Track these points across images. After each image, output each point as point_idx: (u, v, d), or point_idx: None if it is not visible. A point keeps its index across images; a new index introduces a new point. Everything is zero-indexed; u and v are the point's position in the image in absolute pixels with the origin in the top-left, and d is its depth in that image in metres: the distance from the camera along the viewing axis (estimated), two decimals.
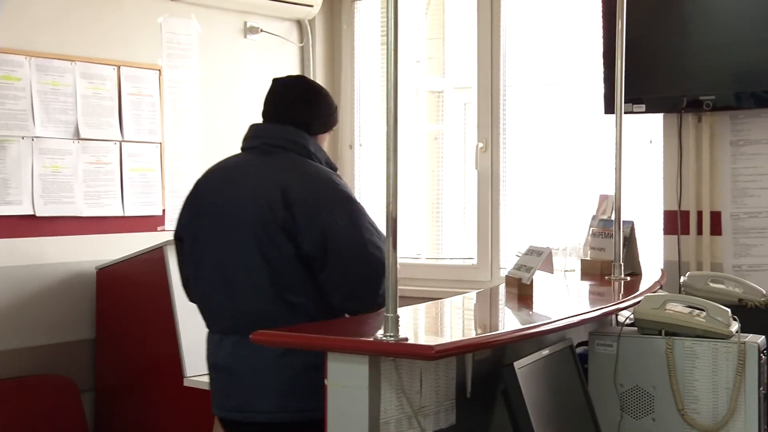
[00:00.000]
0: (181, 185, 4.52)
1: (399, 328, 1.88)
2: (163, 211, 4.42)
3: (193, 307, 3.83)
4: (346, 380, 1.88)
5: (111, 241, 4.19)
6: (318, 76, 5.22)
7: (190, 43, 4.58)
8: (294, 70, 5.14)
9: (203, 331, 3.45)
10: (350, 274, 2.59)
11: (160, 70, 4.42)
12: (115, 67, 4.24)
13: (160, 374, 3.85)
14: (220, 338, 2.74)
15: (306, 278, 2.62)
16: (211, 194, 2.79)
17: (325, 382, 1.91)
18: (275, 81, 2.93)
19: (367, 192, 5.31)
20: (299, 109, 2.80)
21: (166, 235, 4.30)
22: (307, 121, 2.80)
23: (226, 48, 4.78)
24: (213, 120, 4.71)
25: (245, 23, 4.86)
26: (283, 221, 2.61)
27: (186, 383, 3.70)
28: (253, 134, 2.85)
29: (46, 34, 4.01)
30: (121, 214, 4.24)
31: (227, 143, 4.81)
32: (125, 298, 4.03)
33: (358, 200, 2.75)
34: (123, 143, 4.26)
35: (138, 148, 4.32)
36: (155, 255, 3.86)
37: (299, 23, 5.16)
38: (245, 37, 4.86)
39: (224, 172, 2.83)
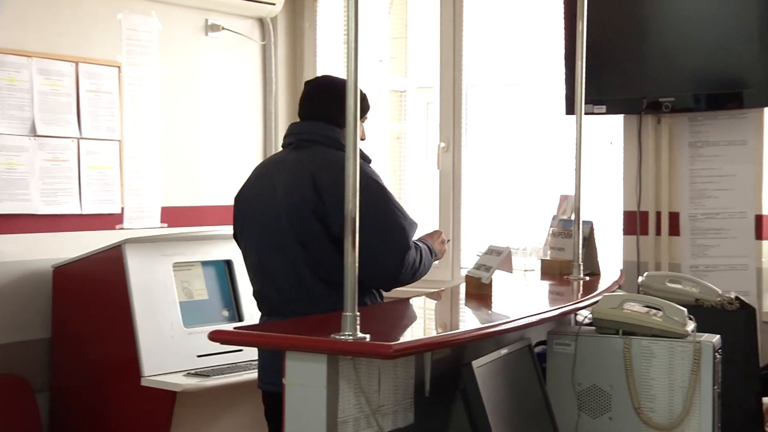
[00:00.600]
0: (140, 183, 4.50)
1: (357, 327, 1.88)
2: (122, 209, 4.39)
3: (152, 306, 3.83)
4: (304, 379, 1.88)
5: (68, 239, 4.15)
6: (280, 74, 5.21)
7: (150, 39, 4.55)
8: (256, 69, 5.13)
9: (162, 330, 3.45)
10: (375, 253, 2.76)
11: (119, 67, 4.39)
12: (73, 64, 4.20)
13: (118, 374, 3.83)
14: (267, 319, 3.02)
15: (339, 258, 2.72)
16: (252, 189, 3.09)
17: (283, 381, 1.91)
18: (306, 83, 3.22)
19: None
20: (328, 105, 3.04)
21: (124, 233, 4.27)
22: (336, 115, 2.94)
23: (187, 45, 4.75)
24: (173, 118, 4.68)
25: (206, 21, 4.84)
26: (314, 205, 2.88)
27: (144, 383, 3.68)
28: (290, 132, 3.13)
29: (1, 30, 3.96)
30: (78, 212, 4.20)
31: (188, 141, 4.82)
32: (82, 297, 4.00)
33: (386, 186, 2.98)
34: (81, 140, 4.22)
35: (96, 146, 4.29)
36: (113, 253, 3.83)
37: (261, 21, 5.14)
38: (206, 34, 4.84)
39: (264, 168, 3.13)
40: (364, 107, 3.15)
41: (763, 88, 3.94)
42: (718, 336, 2.39)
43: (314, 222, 2.89)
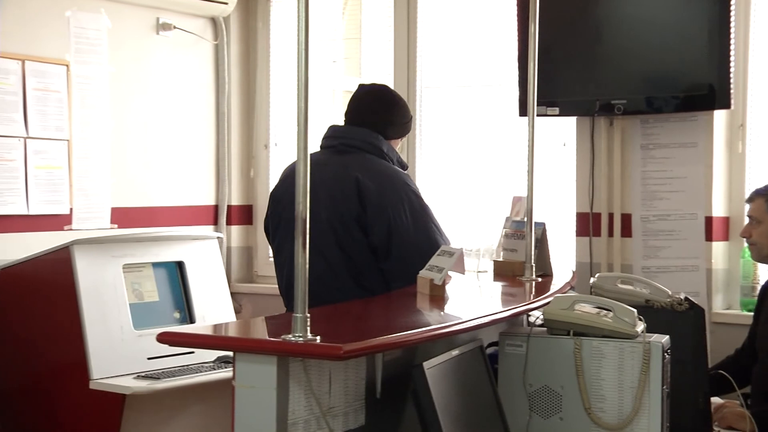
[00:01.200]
0: (89, 183, 4.46)
1: (308, 328, 1.88)
2: (71, 209, 4.35)
3: (101, 308, 3.80)
4: (253, 381, 1.88)
5: (15, 240, 4.11)
6: (233, 74, 5.20)
7: (99, 38, 4.51)
8: (208, 69, 5.11)
9: (111, 332, 3.43)
10: (410, 265, 2.84)
11: (67, 66, 4.35)
12: (20, 62, 4.15)
13: (66, 377, 3.79)
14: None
15: (376, 265, 3.02)
16: (291, 188, 3.05)
17: (233, 383, 1.90)
18: (360, 86, 3.30)
19: None
20: (377, 115, 3.16)
21: (73, 234, 4.23)
22: (383, 126, 3.15)
23: (137, 44, 4.72)
24: (124, 117, 4.65)
25: (158, 19, 4.81)
26: (357, 213, 3.00)
27: (92, 386, 3.64)
28: (332, 134, 3.21)
29: None
30: (25, 212, 4.16)
31: (139, 141, 4.79)
32: (29, 299, 3.95)
33: (426, 200, 3.12)
34: (28, 140, 4.18)
35: (44, 145, 4.24)
36: (61, 255, 3.79)
37: (214, 21, 5.12)
38: (158, 33, 4.82)
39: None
40: (409, 127, 3.30)
41: (714, 92, 4.01)
42: (668, 336, 2.42)
43: (356, 229, 3.00)
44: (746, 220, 3.53)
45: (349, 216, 3.02)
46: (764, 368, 3.35)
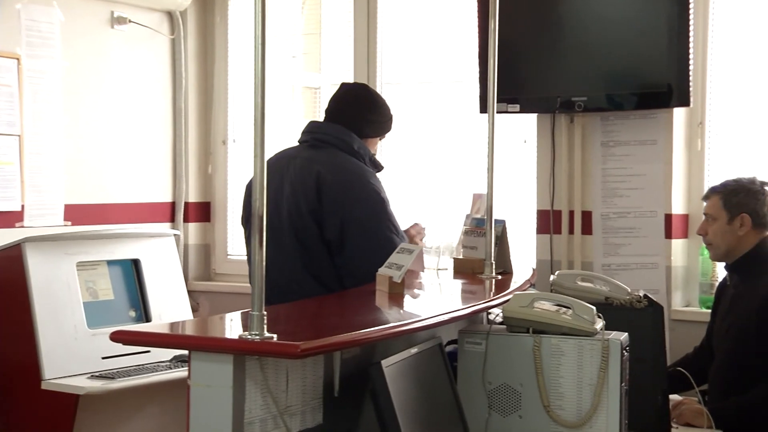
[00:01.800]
0: (42, 180, 4.41)
1: (265, 326, 1.88)
2: (22, 206, 4.30)
3: (54, 307, 3.76)
4: (209, 380, 1.87)
5: None
6: (190, 69, 5.16)
7: (52, 31, 4.46)
8: (165, 63, 5.07)
9: (64, 331, 3.40)
10: (361, 263, 2.95)
11: (18, 59, 4.30)
12: None
13: (17, 377, 3.74)
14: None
15: (331, 260, 3.08)
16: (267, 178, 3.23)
17: (188, 382, 1.89)
18: (342, 84, 3.41)
19: (241, 190, 5.27)
20: (354, 113, 3.25)
21: (25, 231, 4.18)
22: (359, 124, 3.23)
23: (91, 38, 4.67)
24: (78, 113, 4.60)
25: (112, 13, 4.77)
26: (313, 206, 3.07)
27: (44, 386, 3.61)
28: (309, 129, 3.30)
29: None
30: None
31: (93, 137, 4.74)
32: None
33: (388, 201, 3.16)
34: None
35: None
36: (13, 252, 3.74)
37: (170, 15, 5.09)
38: (112, 27, 4.77)
39: (276, 161, 3.23)
40: (389, 126, 3.36)
41: (674, 89, 4.06)
42: (626, 334, 2.44)
43: (311, 222, 3.07)
44: (703, 218, 3.57)
45: (306, 209, 3.08)
46: (720, 366, 3.40)
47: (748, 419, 3.14)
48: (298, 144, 3.33)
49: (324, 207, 3.08)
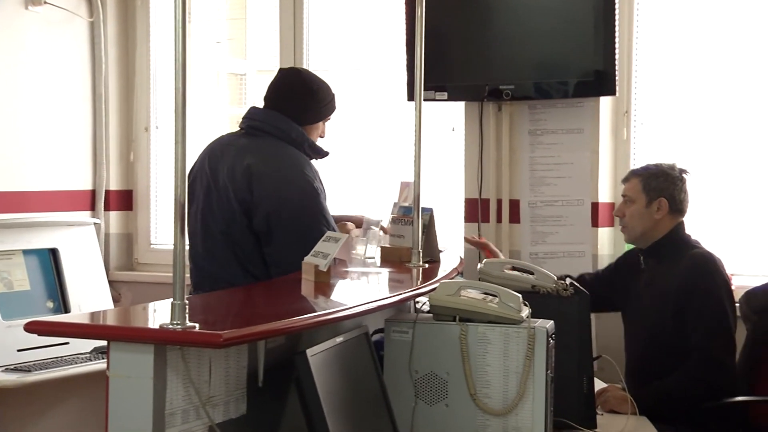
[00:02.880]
0: None
1: (186, 315, 1.86)
2: None
3: None
4: (129, 370, 1.85)
5: None
6: (110, 53, 5.08)
7: None
8: (83, 47, 4.98)
9: None
10: (291, 256, 2.90)
11: None
12: None
13: None
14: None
15: (259, 250, 3.09)
16: (200, 167, 3.21)
17: (107, 373, 1.87)
18: (280, 70, 3.38)
19: (164, 178, 5.22)
20: (290, 100, 3.23)
21: None
22: (295, 111, 3.22)
23: (5, 20, 4.57)
24: None
25: None
26: (242, 194, 3.07)
27: None
28: (247, 116, 3.28)
29: None
30: None
31: (8, 123, 4.64)
32: None
33: (322, 192, 3.15)
34: None
35: None
36: None
37: None
38: (27, 8, 4.66)
39: (214, 147, 3.25)
40: (331, 108, 3.34)
41: (600, 78, 4.12)
42: (552, 321, 2.48)
43: (240, 211, 3.07)
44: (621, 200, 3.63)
45: (236, 198, 3.08)
46: (638, 350, 3.49)
47: (669, 403, 3.22)
48: (236, 131, 3.33)
49: (254, 197, 3.07)
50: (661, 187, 3.50)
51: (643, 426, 2.92)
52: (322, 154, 3.31)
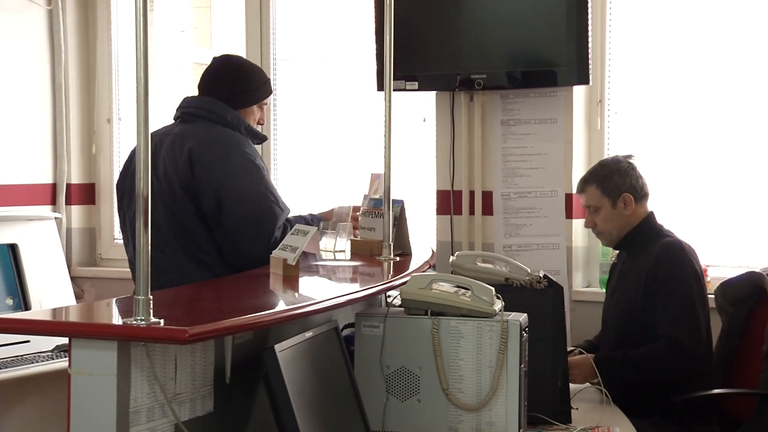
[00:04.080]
0: None
1: (151, 311, 1.86)
2: None
3: None
4: (92, 368, 1.84)
5: None
6: (69, 42, 5.04)
7: None
8: (41, 36, 4.94)
9: None
10: (243, 234, 3.06)
11: None
12: None
13: None
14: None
15: (209, 236, 3.12)
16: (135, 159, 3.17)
17: (69, 370, 1.86)
18: (214, 58, 3.45)
19: None
20: (222, 85, 3.30)
21: None
22: (228, 95, 3.28)
23: None
24: None
25: None
26: (186, 180, 3.09)
27: None
28: (181, 104, 3.34)
29: None
30: None
31: None
32: None
33: (264, 169, 3.22)
34: None
35: None
36: None
37: None
38: None
39: (153, 137, 3.20)
40: (264, 92, 3.38)
41: (573, 67, 4.13)
42: (525, 315, 2.49)
43: (185, 198, 3.09)
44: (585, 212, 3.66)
45: (180, 185, 3.11)
46: (610, 338, 3.53)
47: (632, 374, 3.29)
48: (173, 120, 3.37)
49: (198, 181, 3.11)
50: (618, 184, 3.55)
51: (618, 419, 2.94)
52: (260, 137, 3.38)
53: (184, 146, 3.16)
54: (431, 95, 4.51)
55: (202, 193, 3.11)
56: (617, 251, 3.75)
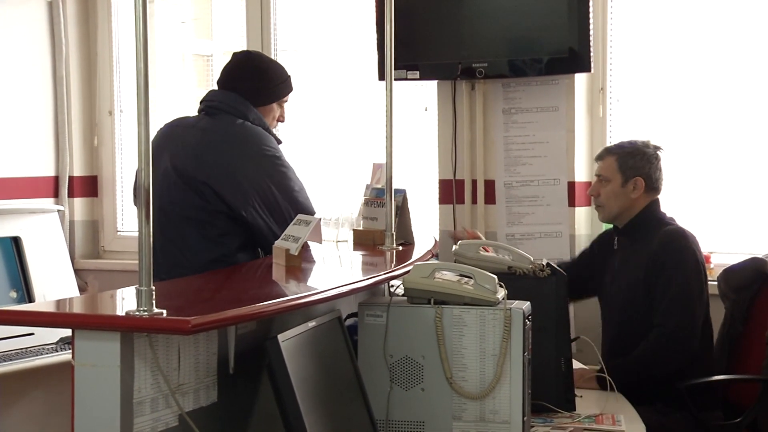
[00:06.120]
0: None
1: (153, 301, 1.86)
2: None
3: None
4: (95, 359, 1.84)
5: None
6: (70, 34, 5.03)
7: None
8: (41, 29, 4.94)
9: None
10: (270, 225, 3.07)
11: None
12: None
13: None
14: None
15: (235, 227, 3.12)
16: (160, 148, 3.19)
17: (72, 362, 1.86)
18: (234, 54, 3.47)
19: (130, 163, 5.19)
20: (243, 82, 3.30)
21: None
22: (250, 92, 3.29)
23: None
24: None
25: None
26: (211, 174, 3.09)
27: None
28: (205, 98, 3.34)
29: None
30: None
31: None
32: None
33: (288, 163, 3.23)
34: None
35: None
36: None
37: None
38: None
39: (175, 128, 3.29)
40: (285, 89, 3.38)
41: (574, 55, 4.13)
42: (528, 303, 2.48)
43: (210, 193, 3.09)
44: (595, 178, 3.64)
45: (197, 178, 3.10)
46: (613, 328, 3.52)
47: (635, 376, 3.27)
48: (197, 113, 3.36)
49: (225, 173, 3.10)
50: (638, 165, 3.51)
51: (622, 406, 2.94)
52: (277, 140, 3.35)
53: (207, 140, 3.16)
54: (432, 84, 4.51)
55: (228, 184, 3.11)
56: (605, 229, 3.75)
